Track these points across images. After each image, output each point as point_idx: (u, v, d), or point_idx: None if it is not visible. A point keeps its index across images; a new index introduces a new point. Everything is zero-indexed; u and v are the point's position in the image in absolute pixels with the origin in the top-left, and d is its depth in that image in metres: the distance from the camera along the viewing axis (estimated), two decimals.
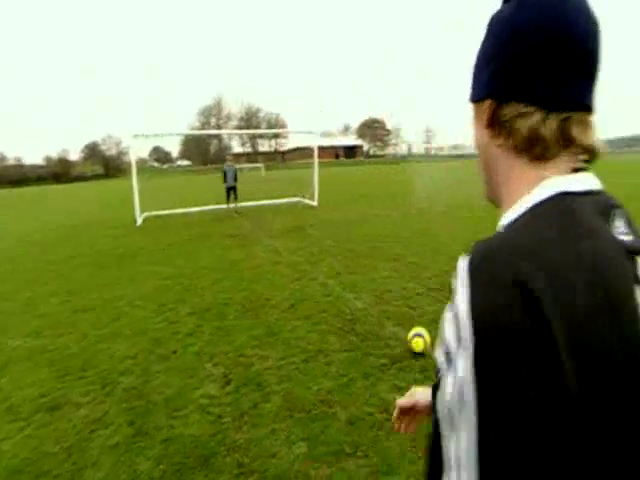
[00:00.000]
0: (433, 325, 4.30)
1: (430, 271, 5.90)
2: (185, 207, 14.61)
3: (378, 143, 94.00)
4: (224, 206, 14.15)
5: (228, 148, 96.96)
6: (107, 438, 2.81)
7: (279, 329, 4.32)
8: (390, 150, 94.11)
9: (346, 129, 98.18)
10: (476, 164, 0.64)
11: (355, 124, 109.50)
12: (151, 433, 2.84)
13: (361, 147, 79.66)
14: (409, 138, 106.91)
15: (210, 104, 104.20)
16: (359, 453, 2.52)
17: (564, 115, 0.49)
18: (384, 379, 3.37)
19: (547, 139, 0.49)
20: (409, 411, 0.89)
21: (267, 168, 53.76)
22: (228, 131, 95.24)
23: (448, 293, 4.13)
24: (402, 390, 3.27)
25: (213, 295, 5.53)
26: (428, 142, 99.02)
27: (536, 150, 0.51)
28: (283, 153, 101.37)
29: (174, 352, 4.06)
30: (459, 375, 0.42)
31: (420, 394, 0.88)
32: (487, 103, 0.54)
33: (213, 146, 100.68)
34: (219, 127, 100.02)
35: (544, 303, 0.39)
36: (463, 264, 0.46)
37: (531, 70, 0.50)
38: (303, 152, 69.09)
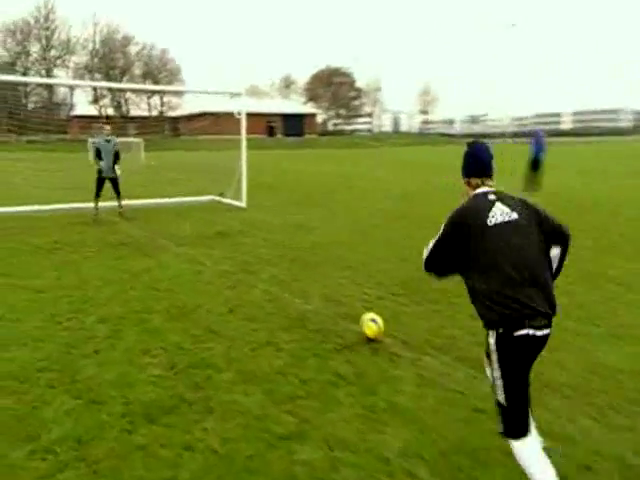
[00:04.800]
0: (392, 321, 4.05)
1: (390, 276, 5.59)
2: (21, 204, 9.99)
3: (342, 111, 54.16)
4: (90, 205, 9.32)
5: (66, 106, 53.21)
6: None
7: (219, 328, 4.07)
8: (360, 124, 51.49)
9: (287, 85, 57.50)
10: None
11: (302, 78, 62.86)
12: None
13: (314, 117, 46.60)
14: (393, 107, 57.61)
15: (28, 18, 51.13)
16: (310, 397, 2.94)
17: (483, 179, 2.20)
18: (336, 358, 3.49)
19: (480, 186, 2.19)
20: None
21: (148, 146, 30.14)
22: (58, 81, 49.27)
23: (410, 296, 4.84)
24: (355, 364, 3.40)
25: (122, 305, 4.61)
26: (425, 112, 58.04)
27: (476, 187, 2.20)
28: (175, 120, 56.50)
29: (96, 352, 3.60)
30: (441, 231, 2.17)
31: None
32: (467, 179, 2.25)
33: (34, 101, 52.67)
34: (48, 64, 52.20)
35: (469, 221, 2.07)
36: (450, 213, 2.15)
37: (481, 171, 2.22)
38: (206, 121, 40.45)
